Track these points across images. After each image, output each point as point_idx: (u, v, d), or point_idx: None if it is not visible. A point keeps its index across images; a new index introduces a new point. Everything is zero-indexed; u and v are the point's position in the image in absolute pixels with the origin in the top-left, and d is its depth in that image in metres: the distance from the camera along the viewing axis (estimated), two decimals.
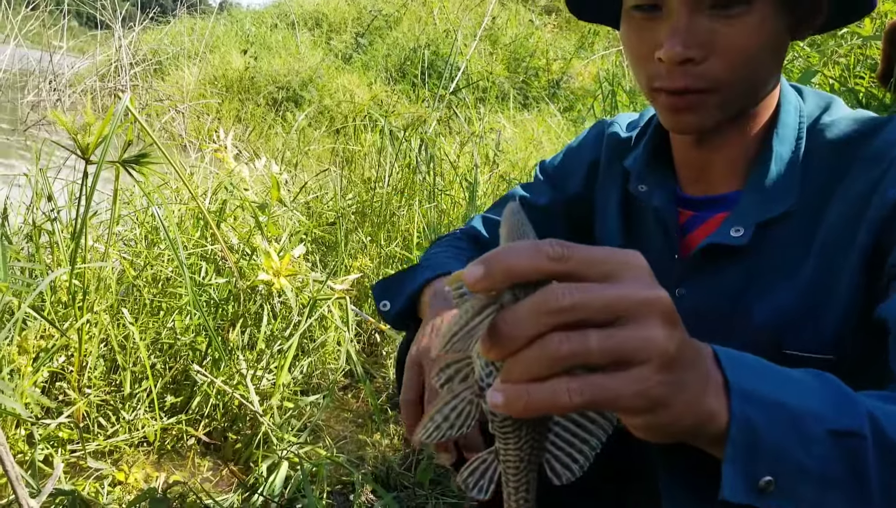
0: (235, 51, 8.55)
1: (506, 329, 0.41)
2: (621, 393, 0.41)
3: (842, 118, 0.79)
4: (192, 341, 1.77)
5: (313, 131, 5.76)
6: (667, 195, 0.88)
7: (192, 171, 2.74)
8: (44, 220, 1.73)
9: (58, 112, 1.65)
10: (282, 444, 1.60)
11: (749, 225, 0.78)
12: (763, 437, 0.46)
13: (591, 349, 0.40)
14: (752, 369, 0.49)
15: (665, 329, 0.42)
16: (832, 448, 0.47)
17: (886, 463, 0.48)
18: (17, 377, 1.45)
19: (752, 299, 0.79)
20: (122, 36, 7.84)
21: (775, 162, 0.79)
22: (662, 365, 0.42)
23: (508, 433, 0.46)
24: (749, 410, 0.46)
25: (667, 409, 0.43)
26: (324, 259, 2.71)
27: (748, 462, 0.46)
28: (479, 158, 3.54)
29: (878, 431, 0.48)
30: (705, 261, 0.82)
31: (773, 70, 0.79)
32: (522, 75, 7.43)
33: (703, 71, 0.74)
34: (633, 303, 0.41)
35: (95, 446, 1.55)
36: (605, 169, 1.01)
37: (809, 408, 0.47)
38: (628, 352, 0.41)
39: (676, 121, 0.79)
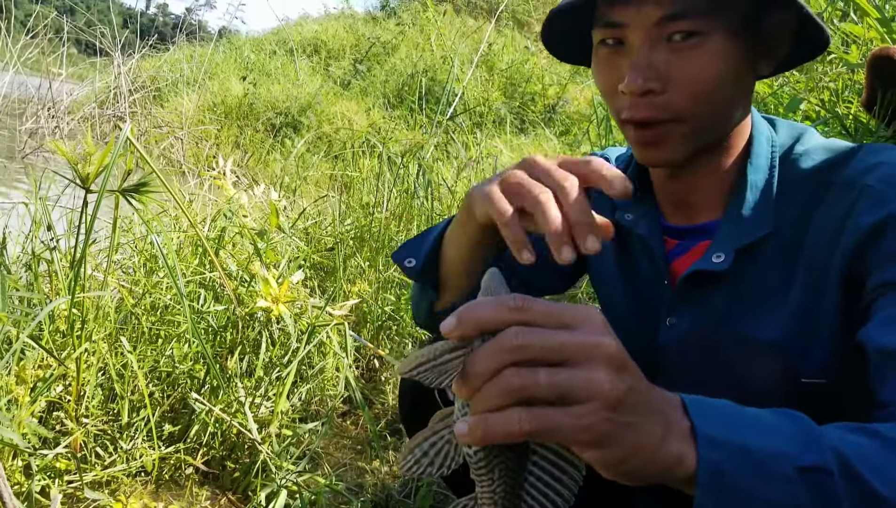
0: (234, 77, 8.61)
1: (470, 368, 0.47)
2: (565, 425, 0.46)
3: (815, 147, 0.82)
4: (191, 368, 1.77)
5: (312, 157, 5.79)
6: (651, 225, 0.91)
7: (191, 198, 2.75)
8: (43, 249, 1.73)
9: (57, 141, 1.66)
10: (280, 472, 1.59)
11: (729, 251, 0.81)
12: (731, 480, 0.49)
13: (539, 383, 0.45)
14: (720, 414, 0.52)
15: (609, 373, 0.47)
16: (800, 484, 0.50)
17: (855, 493, 0.50)
18: (15, 407, 1.45)
19: (740, 325, 0.82)
20: (121, 63, 7.90)
21: (750, 190, 0.82)
22: (606, 405, 0.46)
23: (483, 477, 0.50)
24: (716, 455, 0.49)
25: (614, 447, 0.47)
26: (322, 285, 2.71)
27: (718, 504, 0.49)
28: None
29: (844, 464, 0.51)
30: (691, 289, 0.85)
31: (738, 102, 0.81)
32: (519, 100, 7.48)
33: (664, 102, 0.77)
34: (579, 347, 0.47)
35: (93, 476, 1.54)
36: (597, 200, 1.02)
37: (776, 448, 0.51)
38: (573, 389, 0.46)
39: (646, 154, 0.82)
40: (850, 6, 2.10)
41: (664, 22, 0.75)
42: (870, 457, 0.52)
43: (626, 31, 0.78)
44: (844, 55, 1.88)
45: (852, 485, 0.50)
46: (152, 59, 9.64)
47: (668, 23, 0.75)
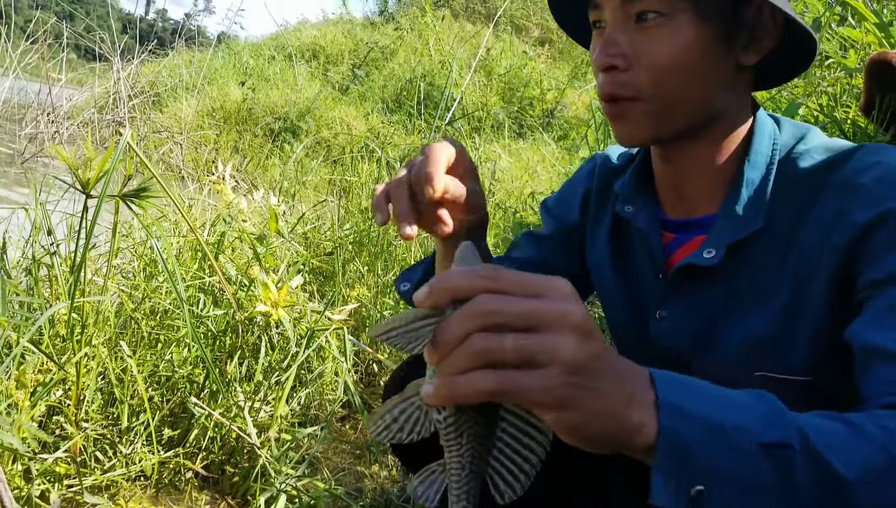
0: (233, 82, 8.62)
1: (440, 335, 0.48)
2: (527, 386, 0.47)
3: (816, 147, 0.82)
4: (190, 373, 1.77)
5: (310, 162, 5.80)
6: (650, 217, 0.93)
7: (191, 203, 2.75)
8: (43, 254, 1.74)
9: (57, 146, 1.66)
10: (280, 477, 1.60)
11: (720, 247, 0.82)
12: (692, 450, 0.50)
13: (505, 347, 0.47)
14: (687, 389, 0.54)
15: (574, 339, 0.48)
16: (761, 459, 0.51)
17: (814, 472, 0.52)
18: (15, 411, 1.45)
19: (729, 320, 0.83)
20: (120, 68, 7.91)
21: (746, 187, 0.83)
22: (568, 370, 0.47)
23: (451, 442, 0.51)
24: (678, 424, 0.50)
25: (574, 410, 0.48)
26: (321, 289, 2.72)
27: (678, 472, 0.50)
28: None
29: (806, 443, 0.52)
30: (682, 282, 0.87)
31: (712, 88, 0.81)
32: (517, 105, 7.49)
33: (626, 79, 0.80)
34: (546, 314, 0.48)
35: (92, 480, 1.54)
36: (597, 197, 1.06)
37: (740, 423, 0.52)
38: (537, 354, 0.47)
39: (615, 130, 0.85)
40: (848, 10, 2.11)
41: (628, 1, 0.78)
42: (834, 440, 0.53)
43: (603, 12, 0.82)
44: (842, 60, 1.89)
45: (812, 464, 0.52)
46: (151, 65, 9.65)
47: (633, 2, 0.78)
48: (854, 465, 0.52)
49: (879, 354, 0.66)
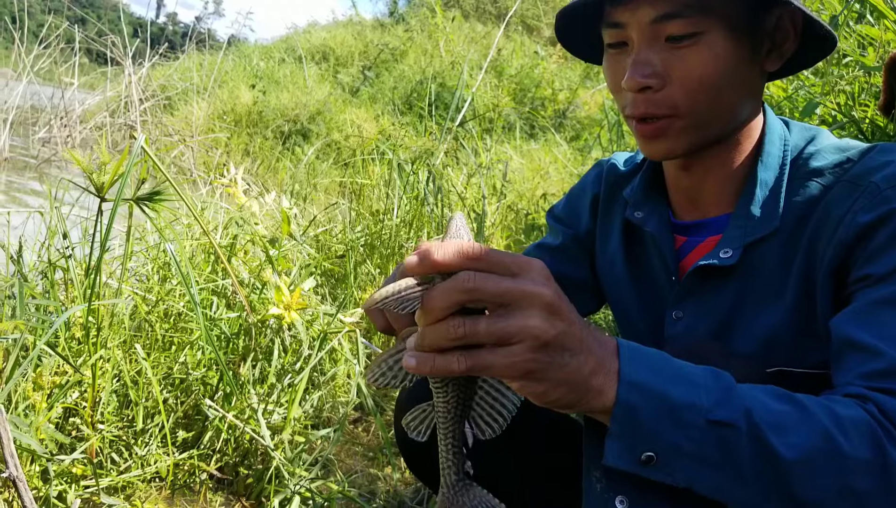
0: (244, 85, 8.65)
1: (427, 303, 0.55)
2: (494, 363, 0.54)
3: (826, 147, 0.84)
4: (204, 375, 1.79)
5: (321, 164, 5.81)
6: (660, 221, 0.95)
7: (203, 206, 2.77)
8: (58, 257, 1.75)
9: (72, 150, 1.68)
10: (293, 478, 1.60)
11: (737, 247, 0.84)
12: (643, 420, 0.56)
13: (479, 332, 0.54)
14: (649, 363, 0.59)
15: (542, 318, 0.54)
16: (708, 434, 0.56)
17: (756, 451, 0.57)
18: (33, 412, 1.47)
19: (744, 318, 0.85)
20: (132, 72, 7.95)
21: (760, 188, 0.84)
22: (534, 346, 0.54)
23: (439, 390, 0.61)
24: (633, 397, 0.57)
25: (537, 381, 0.55)
26: (333, 292, 2.73)
27: (629, 438, 0.57)
28: (486, 188, 3.57)
29: (752, 424, 0.57)
30: (698, 283, 0.88)
31: (742, 98, 0.83)
32: (528, 106, 7.49)
33: (662, 98, 0.81)
34: (519, 294, 0.54)
35: (109, 481, 1.56)
36: (605, 202, 1.07)
37: (693, 401, 0.57)
38: (507, 335, 0.54)
39: (648, 147, 0.86)
40: (867, 8, 2.09)
41: (659, 21, 0.79)
42: (781, 421, 0.58)
43: (626, 31, 0.82)
44: (861, 58, 1.87)
45: (755, 444, 0.57)
46: (162, 68, 9.71)
47: (663, 22, 0.78)
48: (794, 447, 0.57)
49: (853, 345, 0.69)
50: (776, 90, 3.01)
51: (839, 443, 0.57)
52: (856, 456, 0.57)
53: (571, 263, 1.10)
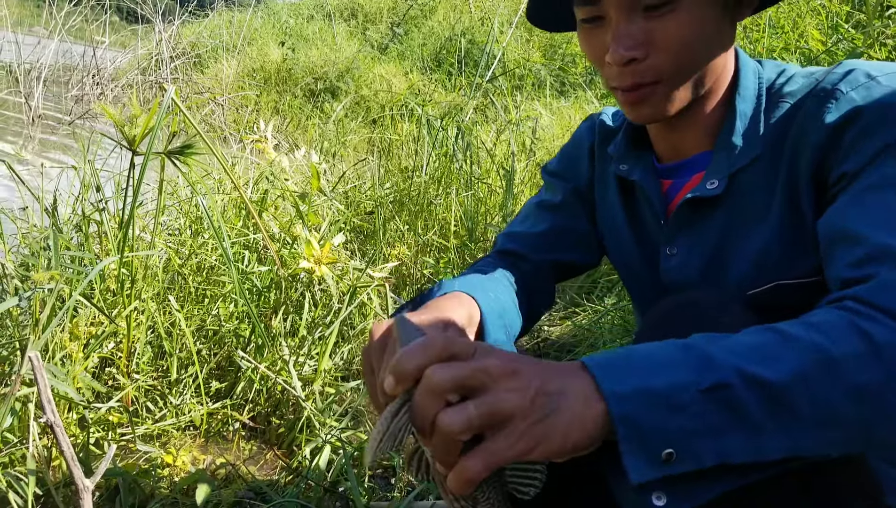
0: (273, 43, 8.62)
1: (417, 422, 0.55)
2: (505, 450, 0.53)
3: (797, 73, 0.89)
4: (236, 327, 1.81)
5: (350, 122, 5.80)
6: (645, 169, 0.98)
7: (234, 162, 2.78)
8: (92, 210, 1.77)
9: (104, 105, 1.69)
10: (324, 428, 1.63)
11: (722, 177, 0.88)
12: (645, 423, 0.55)
13: (471, 418, 0.53)
14: (619, 367, 0.58)
15: (508, 388, 0.54)
16: (707, 404, 0.55)
17: (756, 394, 0.56)
18: (69, 362, 1.50)
19: (735, 242, 0.88)
20: (162, 30, 7.96)
21: (740, 118, 0.88)
22: (524, 412, 0.54)
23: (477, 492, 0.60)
24: (625, 408, 0.55)
25: (550, 438, 0.54)
26: (362, 248, 2.74)
27: (643, 448, 0.55)
28: (515, 145, 3.54)
29: (740, 372, 0.56)
30: (687, 217, 0.92)
31: (717, 50, 0.86)
32: (559, 62, 7.36)
33: (647, 66, 0.83)
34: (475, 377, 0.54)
35: (144, 429, 1.60)
36: (598, 155, 1.10)
37: (677, 381, 0.56)
38: (497, 412, 0.53)
39: (635, 112, 0.88)
40: None
41: None
42: (763, 354, 0.57)
43: (602, 7, 0.83)
44: None
45: (751, 387, 0.56)
46: (192, 26, 9.70)
47: None
48: (785, 371, 0.56)
49: (836, 239, 0.71)
50: (815, 44, 2.92)
51: (825, 348, 0.57)
52: (845, 354, 0.57)
53: (573, 217, 1.13)
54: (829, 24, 3.12)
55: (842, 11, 3.07)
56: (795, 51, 2.98)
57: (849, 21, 3.11)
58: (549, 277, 1.12)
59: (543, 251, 1.11)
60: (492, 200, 3.14)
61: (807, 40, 3.02)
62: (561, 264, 1.12)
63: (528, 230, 1.13)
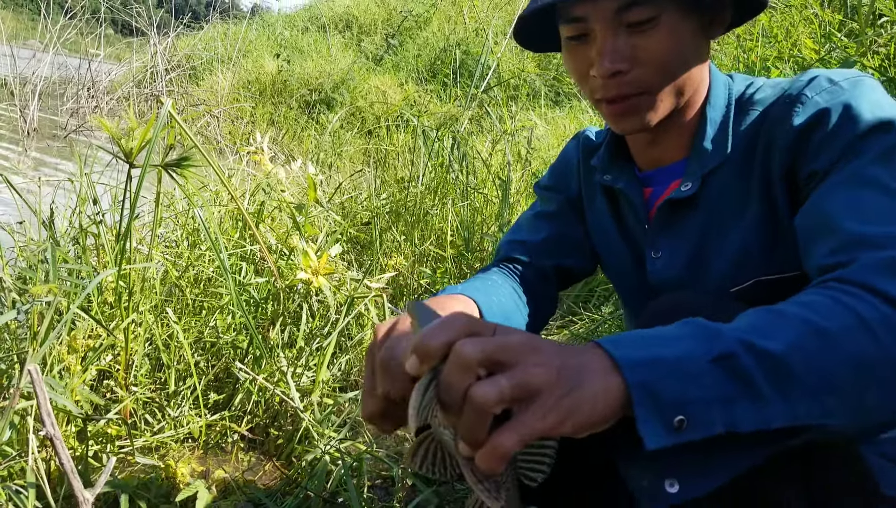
0: (268, 55, 8.65)
1: (444, 397, 0.55)
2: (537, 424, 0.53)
3: (765, 84, 0.96)
4: (234, 339, 1.81)
5: (346, 133, 5.81)
6: (628, 178, 1.04)
7: (230, 174, 2.79)
8: (89, 223, 1.78)
9: (100, 117, 1.69)
10: (322, 439, 1.63)
11: (696, 178, 0.94)
12: (658, 390, 0.56)
13: (503, 390, 0.53)
14: (630, 342, 0.60)
15: (534, 361, 0.55)
16: (717, 373, 0.57)
17: (760, 362, 0.58)
18: (68, 375, 1.50)
19: (714, 240, 0.94)
20: (157, 42, 7.98)
21: (710, 125, 0.95)
22: (552, 384, 0.54)
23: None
24: (639, 375, 0.56)
25: (579, 411, 0.54)
26: (359, 258, 2.74)
27: (656, 413, 0.56)
28: (511, 155, 3.55)
29: (743, 342, 0.59)
30: (667, 219, 0.98)
31: (696, 65, 0.93)
32: (554, 72, 7.40)
33: (632, 78, 0.89)
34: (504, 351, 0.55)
35: (143, 441, 1.59)
36: (583, 170, 1.17)
37: (686, 352, 0.58)
38: (527, 385, 0.53)
39: (620, 124, 0.94)
40: None
41: (621, 11, 0.86)
42: (764, 328, 0.61)
43: (588, 24, 0.89)
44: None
45: (755, 357, 0.58)
46: (187, 38, 9.73)
47: (625, 12, 0.86)
48: (784, 341, 0.59)
49: (812, 233, 0.76)
50: (808, 52, 2.94)
51: (817, 323, 0.60)
52: (836, 327, 0.60)
53: (569, 225, 1.19)
54: (821, 34, 3.14)
55: (834, 20, 3.10)
56: (789, 59, 3.00)
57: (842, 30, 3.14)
58: (552, 282, 1.17)
59: (545, 257, 1.16)
60: (488, 209, 3.15)
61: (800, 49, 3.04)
62: (562, 270, 1.17)
63: (529, 239, 1.19)
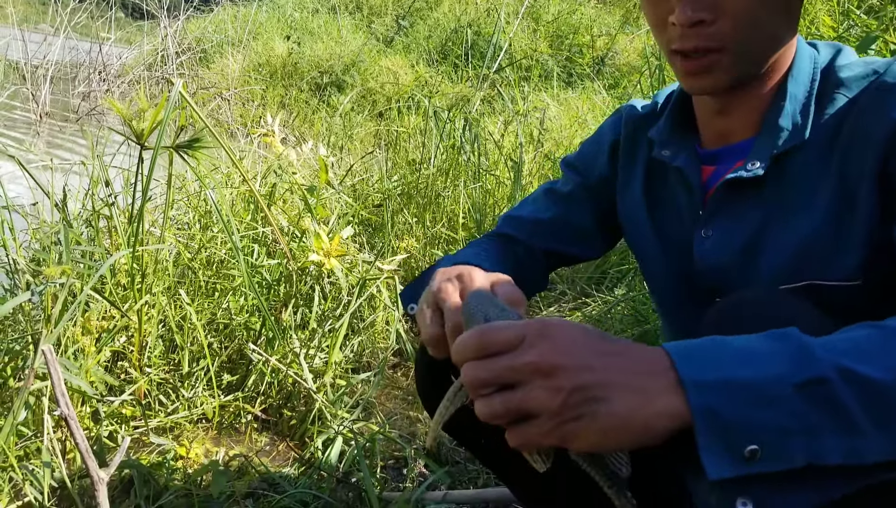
0: (278, 37, 8.61)
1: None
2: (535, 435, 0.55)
3: (854, 61, 0.85)
4: (247, 321, 1.82)
5: (357, 115, 5.79)
6: (689, 155, 0.94)
7: (242, 156, 2.78)
8: (102, 205, 1.78)
9: (112, 99, 1.69)
10: (335, 420, 1.63)
11: (764, 158, 0.83)
12: (728, 417, 0.51)
13: (496, 408, 0.56)
14: (705, 356, 0.54)
15: (542, 386, 0.54)
16: (802, 400, 0.51)
17: (858, 393, 0.51)
18: (82, 356, 1.51)
19: (775, 230, 0.84)
20: (167, 26, 7.96)
21: (790, 101, 0.84)
22: (552, 413, 0.54)
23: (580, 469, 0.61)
24: (707, 398, 0.51)
25: (585, 436, 0.54)
26: (371, 240, 2.74)
27: (723, 442, 0.51)
28: (523, 137, 3.52)
29: (839, 367, 0.51)
30: (726, 199, 0.88)
31: (784, 27, 0.83)
32: (566, 53, 7.33)
33: (713, 32, 0.79)
34: (510, 373, 0.56)
35: (157, 422, 1.60)
36: (627, 146, 1.07)
37: (768, 373, 0.52)
38: (526, 409, 0.55)
39: (693, 83, 0.84)
40: None
41: None
42: (866, 349, 0.53)
43: None
44: None
45: (853, 385, 0.51)
46: (197, 21, 9.69)
47: None
48: (889, 367, 0.52)
49: None
50: (826, 30, 2.89)
51: None
52: None
53: (578, 211, 1.11)
54: (840, 11, 3.09)
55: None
56: (806, 37, 2.95)
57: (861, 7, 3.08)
58: (544, 263, 1.11)
59: (538, 239, 1.10)
60: (500, 191, 3.14)
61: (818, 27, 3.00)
62: (554, 254, 1.11)
63: (529, 215, 1.12)
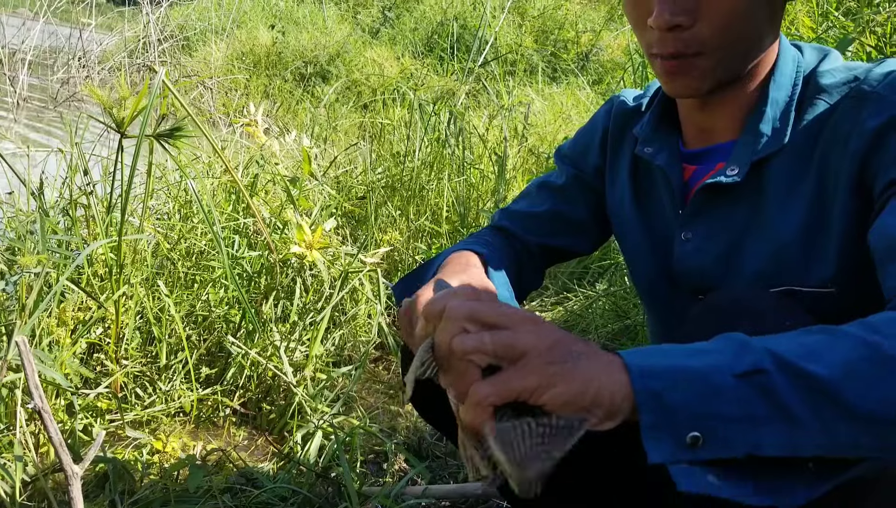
0: (262, 26, 8.54)
1: (437, 352, 0.60)
2: (518, 383, 0.54)
3: (838, 67, 0.84)
4: (227, 313, 1.79)
5: (341, 106, 5.75)
6: (670, 154, 0.94)
7: (224, 145, 2.75)
8: (79, 194, 1.75)
9: (91, 86, 1.66)
10: (315, 414, 1.62)
11: (744, 164, 0.84)
12: (670, 400, 0.52)
13: (485, 342, 0.56)
14: (652, 351, 0.56)
15: (533, 330, 0.56)
16: (743, 389, 0.52)
17: (797, 385, 0.52)
18: (57, 348, 1.48)
19: (753, 235, 0.85)
20: (149, 12, 7.86)
21: (770, 106, 0.84)
22: (541, 351, 0.54)
23: None
24: (650, 383, 0.53)
25: (562, 383, 0.53)
26: (354, 233, 2.72)
27: (666, 426, 0.52)
28: (508, 131, 3.51)
29: (778, 359, 0.53)
30: (706, 203, 0.89)
31: (765, 30, 0.82)
32: (551, 48, 7.32)
33: (691, 36, 0.78)
34: (507, 316, 0.57)
35: (133, 416, 1.58)
36: (614, 137, 1.07)
37: (711, 364, 0.54)
38: (513, 345, 0.55)
39: (673, 85, 0.84)
40: None
41: None
42: (811, 348, 0.54)
43: None
44: None
45: (793, 378, 0.52)
46: (181, 8, 9.59)
47: None
48: (833, 365, 0.53)
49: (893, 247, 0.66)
50: (805, 31, 2.91)
51: (879, 345, 0.53)
52: None
53: (572, 203, 1.11)
54: (818, 12, 3.11)
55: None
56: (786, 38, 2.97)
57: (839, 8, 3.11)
58: (540, 259, 1.11)
59: (534, 234, 1.10)
60: (484, 185, 3.13)
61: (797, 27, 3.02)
62: (551, 249, 1.11)
63: (525, 210, 1.12)
